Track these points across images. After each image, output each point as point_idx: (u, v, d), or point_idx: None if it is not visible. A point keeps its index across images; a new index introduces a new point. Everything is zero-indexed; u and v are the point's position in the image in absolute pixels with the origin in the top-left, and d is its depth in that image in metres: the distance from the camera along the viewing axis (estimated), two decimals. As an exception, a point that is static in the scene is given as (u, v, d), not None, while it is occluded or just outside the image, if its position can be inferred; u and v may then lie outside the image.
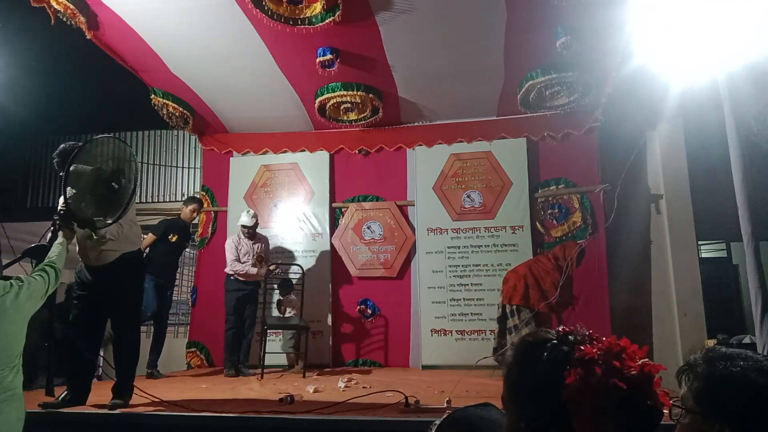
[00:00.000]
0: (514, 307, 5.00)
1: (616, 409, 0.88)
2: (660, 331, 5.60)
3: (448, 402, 3.28)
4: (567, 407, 0.90)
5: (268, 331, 5.30)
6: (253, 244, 5.49)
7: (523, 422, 0.96)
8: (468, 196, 6.02)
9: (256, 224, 5.51)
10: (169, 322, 5.81)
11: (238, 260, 5.39)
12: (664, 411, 0.93)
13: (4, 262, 2.63)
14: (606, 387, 0.89)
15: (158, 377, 5.19)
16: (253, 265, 5.39)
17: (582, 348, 0.93)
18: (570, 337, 0.96)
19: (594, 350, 0.92)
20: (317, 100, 5.61)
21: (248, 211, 5.55)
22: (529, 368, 0.97)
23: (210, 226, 6.51)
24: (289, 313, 5.66)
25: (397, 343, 5.92)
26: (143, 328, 5.16)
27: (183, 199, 6.25)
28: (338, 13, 4.23)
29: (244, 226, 5.44)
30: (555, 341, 0.96)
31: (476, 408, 1.16)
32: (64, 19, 4.23)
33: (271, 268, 5.46)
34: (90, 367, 3.51)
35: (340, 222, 6.30)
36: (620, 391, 0.88)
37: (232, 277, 5.40)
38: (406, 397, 3.28)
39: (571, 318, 5.26)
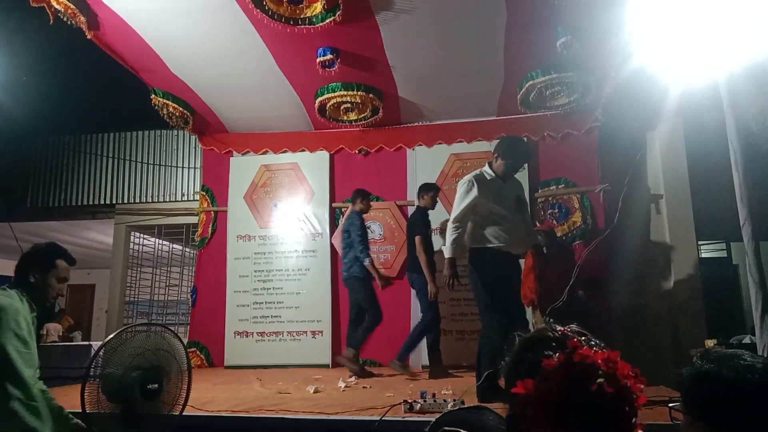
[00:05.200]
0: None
1: (560, 426, 0.82)
2: (660, 331, 5.60)
3: (449, 402, 3.28)
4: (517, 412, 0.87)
5: None
6: None
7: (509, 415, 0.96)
8: (468, 196, 6.00)
9: None
10: (168, 321, 5.81)
11: None
12: None
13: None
14: (549, 403, 0.83)
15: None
16: None
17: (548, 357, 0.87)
18: (565, 340, 0.92)
19: (554, 363, 0.85)
20: (317, 100, 5.61)
21: None
22: (515, 367, 0.96)
23: (210, 226, 6.51)
24: None
25: (398, 343, 5.88)
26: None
27: (183, 199, 6.23)
28: (338, 13, 4.23)
29: None
30: (552, 343, 0.93)
31: (468, 412, 1.10)
32: (64, 19, 4.23)
33: None
34: None
35: (340, 222, 6.29)
36: (565, 411, 0.82)
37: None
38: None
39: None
